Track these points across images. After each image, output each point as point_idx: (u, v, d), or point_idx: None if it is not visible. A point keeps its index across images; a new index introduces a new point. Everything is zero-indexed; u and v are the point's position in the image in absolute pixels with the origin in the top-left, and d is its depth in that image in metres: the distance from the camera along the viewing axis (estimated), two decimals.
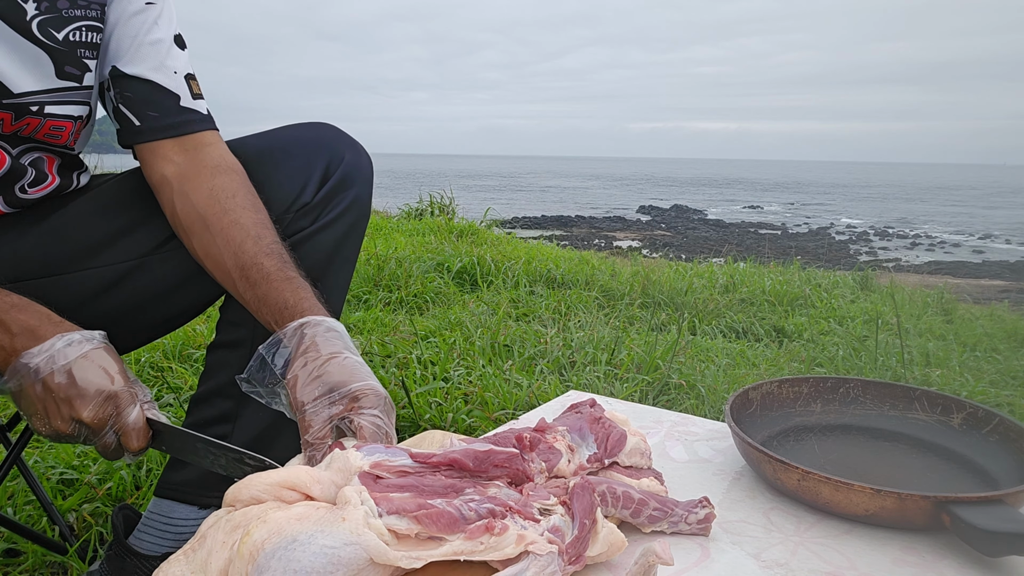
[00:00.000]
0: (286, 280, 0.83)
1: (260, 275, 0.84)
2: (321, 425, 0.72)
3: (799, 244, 15.01)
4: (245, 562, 0.57)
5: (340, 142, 1.00)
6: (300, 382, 0.74)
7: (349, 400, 0.73)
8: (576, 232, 17.04)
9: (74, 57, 0.88)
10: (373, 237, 4.43)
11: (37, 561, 1.15)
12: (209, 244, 0.87)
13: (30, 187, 0.92)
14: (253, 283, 0.84)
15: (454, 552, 0.61)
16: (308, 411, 0.73)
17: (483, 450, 0.70)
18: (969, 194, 46.04)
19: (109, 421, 0.74)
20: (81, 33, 0.88)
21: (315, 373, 0.74)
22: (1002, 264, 12.37)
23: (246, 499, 0.63)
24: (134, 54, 0.92)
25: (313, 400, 0.73)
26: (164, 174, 0.91)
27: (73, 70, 0.88)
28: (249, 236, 0.86)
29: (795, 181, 63.12)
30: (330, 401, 0.73)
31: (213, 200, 0.88)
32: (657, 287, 3.59)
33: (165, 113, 0.92)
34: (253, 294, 0.84)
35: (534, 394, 1.85)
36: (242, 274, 0.85)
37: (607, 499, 0.76)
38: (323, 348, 0.76)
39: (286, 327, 0.79)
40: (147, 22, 0.93)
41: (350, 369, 0.75)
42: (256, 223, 0.88)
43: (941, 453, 0.97)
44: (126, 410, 0.74)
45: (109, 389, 0.74)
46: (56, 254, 0.90)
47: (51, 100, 0.87)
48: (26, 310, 0.76)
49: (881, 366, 2.40)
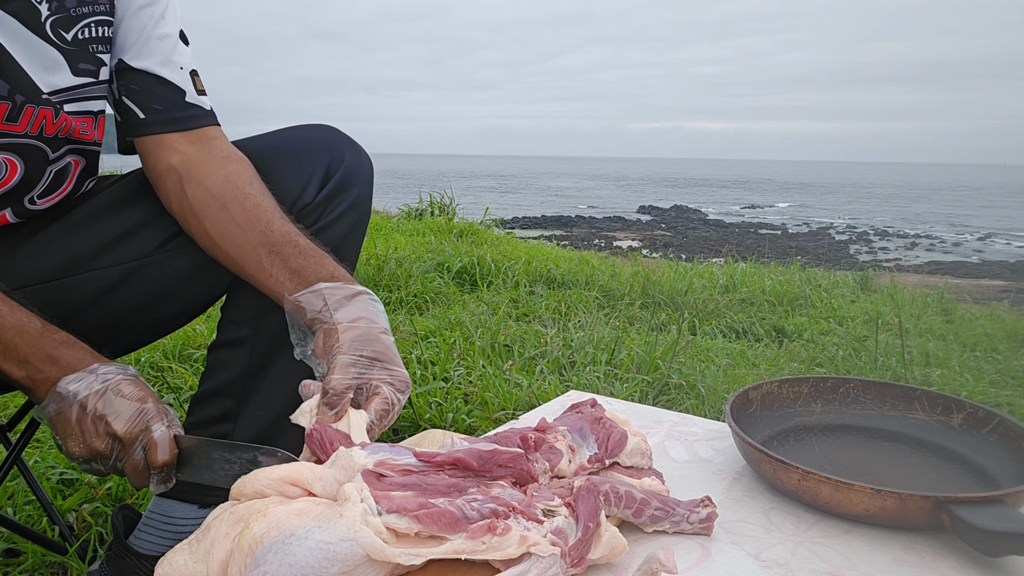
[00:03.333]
0: (323, 256, 0.86)
1: (295, 250, 0.86)
2: (352, 377, 0.76)
3: (799, 244, 15.02)
4: (244, 555, 0.58)
5: (340, 143, 1.00)
6: (351, 335, 0.78)
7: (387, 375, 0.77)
8: (576, 232, 17.04)
9: (87, 53, 0.89)
10: (373, 237, 4.43)
11: (37, 561, 1.15)
12: (227, 224, 0.88)
13: (39, 198, 0.92)
14: (286, 257, 0.86)
15: (455, 550, 0.61)
16: (345, 361, 0.76)
17: (487, 450, 0.70)
18: (969, 194, 46.04)
19: (139, 437, 0.76)
20: (91, 29, 0.89)
21: (370, 336, 0.79)
22: (1002, 264, 12.38)
23: (251, 493, 0.64)
24: (141, 48, 0.92)
25: (357, 356, 0.77)
26: (171, 163, 0.92)
27: (88, 66, 0.89)
28: (276, 216, 0.88)
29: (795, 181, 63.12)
30: (371, 364, 0.77)
31: (230, 185, 0.89)
32: (657, 287, 3.59)
33: (170, 107, 0.93)
34: (285, 268, 0.85)
35: (534, 394, 1.85)
36: (272, 250, 0.86)
37: (610, 499, 0.76)
38: (380, 321, 0.81)
39: (351, 282, 0.83)
40: (154, 16, 0.93)
41: (395, 352, 0.81)
42: (277, 207, 0.90)
43: (941, 453, 0.97)
44: (155, 425, 0.76)
45: (140, 407, 0.76)
46: (61, 258, 0.90)
47: (69, 98, 0.88)
48: (73, 347, 0.79)
49: (881, 366, 2.40)
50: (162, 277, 0.94)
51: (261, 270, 0.87)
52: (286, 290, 0.85)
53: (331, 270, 0.85)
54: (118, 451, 0.76)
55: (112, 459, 0.77)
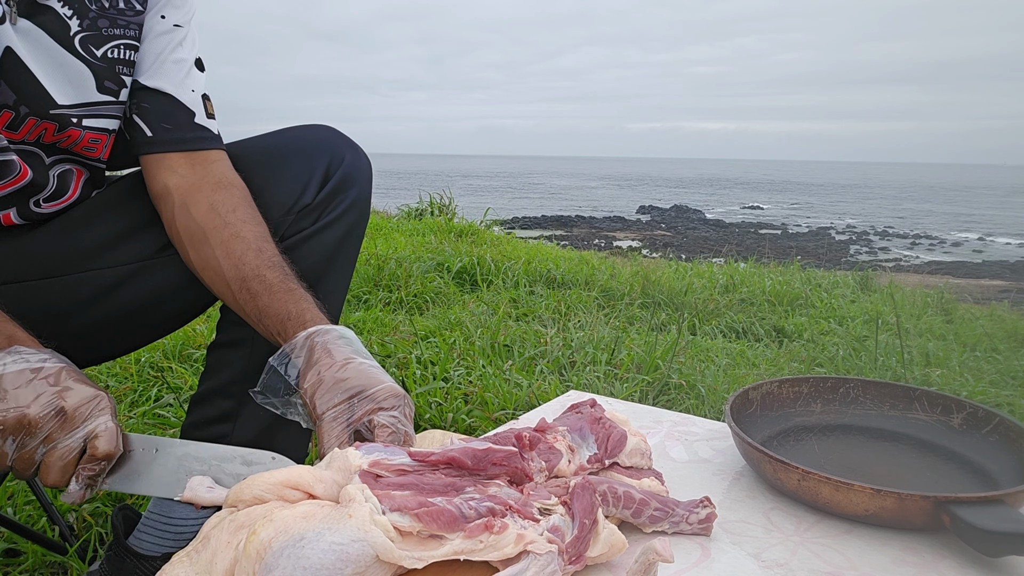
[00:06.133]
0: (288, 291, 0.83)
1: (262, 286, 0.83)
2: (340, 432, 0.72)
3: (799, 244, 15.02)
4: (252, 561, 0.56)
5: (340, 143, 1.00)
6: (317, 391, 0.74)
7: (369, 403, 0.73)
8: (576, 232, 17.04)
9: (113, 73, 0.90)
10: (373, 237, 4.43)
11: (37, 561, 1.15)
12: (209, 256, 0.87)
13: (46, 201, 0.92)
14: (254, 294, 0.83)
15: (454, 552, 0.61)
16: (327, 419, 0.72)
17: (482, 448, 0.70)
18: (969, 194, 46.05)
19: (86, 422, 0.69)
20: (119, 51, 0.91)
21: (331, 380, 0.74)
22: (1002, 264, 12.38)
23: (249, 499, 0.63)
24: (156, 70, 0.94)
25: (333, 407, 0.72)
26: (167, 184, 0.92)
27: (112, 85, 0.91)
28: (251, 249, 0.86)
29: (795, 181, 63.12)
30: (349, 407, 0.73)
31: (214, 213, 0.88)
32: (657, 287, 3.59)
33: (178, 127, 0.94)
34: (254, 305, 0.84)
35: (534, 394, 1.85)
36: (243, 285, 0.84)
37: (608, 499, 0.76)
38: (336, 355, 0.76)
39: (295, 337, 0.78)
40: (172, 42, 0.95)
41: (366, 374, 0.75)
42: (257, 236, 0.87)
43: (941, 453, 0.97)
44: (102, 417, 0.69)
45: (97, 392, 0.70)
46: (58, 256, 0.90)
47: (90, 114, 0.89)
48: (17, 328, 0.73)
49: (881, 366, 2.40)
50: (161, 280, 0.94)
51: (237, 306, 0.87)
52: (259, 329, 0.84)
53: (292, 309, 0.81)
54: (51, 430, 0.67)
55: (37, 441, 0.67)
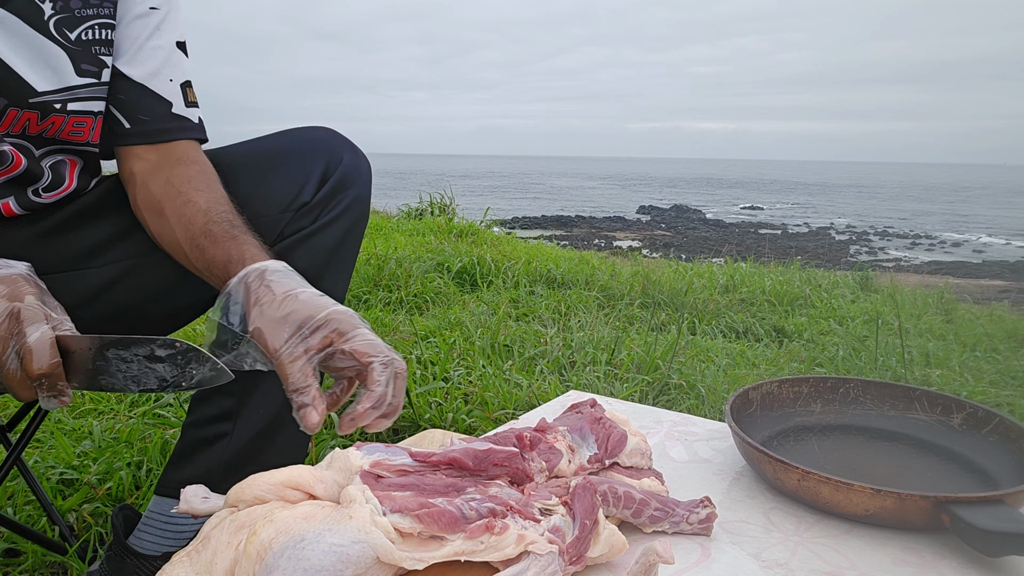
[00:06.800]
0: (231, 238, 0.81)
1: (208, 240, 0.82)
2: (302, 366, 0.69)
3: (799, 244, 15.02)
4: (252, 562, 0.56)
5: (338, 144, 1.00)
6: (265, 330, 0.70)
7: (323, 331, 0.70)
8: (576, 232, 17.04)
9: (90, 55, 0.89)
10: (373, 237, 4.43)
11: (37, 561, 1.15)
12: (164, 224, 0.88)
13: (45, 191, 0.92)
14: (202, 249, 0.82)
15: (455, 553, 0.61)
16: (283, 355, 0.69)
17: (483, 449, 0.70)
18: (969, 194, 46.05)
19: (11, 341, 0.66)
20: (95, 31, 0.89)
21: (276, 315, 0.71)
22: (1002, 264, 12.38)
23: (249, 499, 0.63)
24: (133, 56, 0.93)
25: (285, 342, 0.69)
26: (132, 170, 0.92)
27: (90, 67, 0.89)
28: (200, 211, 0.85)
29: (795, 181, 63.12)
30: (302, 337, 0.70)
31: (169, 186, 0.89)
32: (657, 287, 3.59)
33: (155, 119, 0.93)
34: (203, 259, 0.82)
35: (534, 394, 1.85)
36: (192, 243, 0.84)
37: (608, 499, 0.76)
38: (276, 289, 0.73)
39: (229, 282, 0.76)
40: (148, 27, 0.94)
41: (311, 302, 0.72)
42: (209, 200, 0.86)
43: (941, 453, 0.97)
44: (30, 328, 0.66)
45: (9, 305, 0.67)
46: (58, 252, 0.90)
47: (72, 98, 0.88)
48: None
49: (881, 366, 2.40)
50: (157, 277, 0.94)
51: (192, 267, 0.86)
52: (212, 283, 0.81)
53: (234, 253, 0.79)
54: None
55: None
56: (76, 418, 1.70)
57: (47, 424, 1.61)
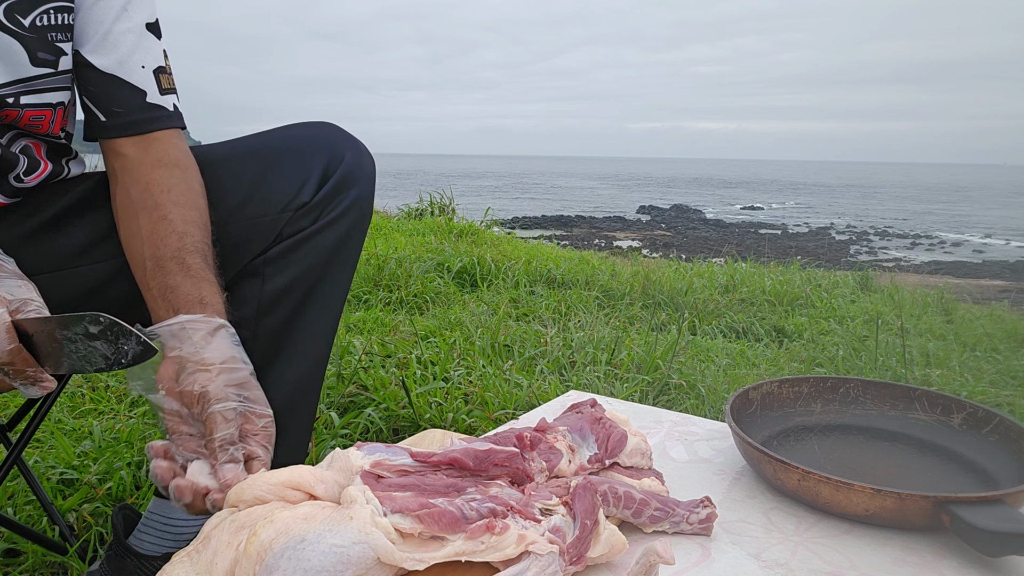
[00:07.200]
0: (202, 281, 0.82)
1: (178, 267, 0.81)
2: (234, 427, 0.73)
3: (799, 244, 15.02)
4: (252, 562, 0.56)
5: (340, 141, 0.98)
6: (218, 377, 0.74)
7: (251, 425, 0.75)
8: (576, 232, 17.05)
9: (45, 42, 0.84)
10: (373, 237, 4.43)
11: (37, 561, 1.15)
12: (134, 234, 0.86)
13: (25, 175, 0.90)
14: (167, 273, 0.82)
15: (456, 553, 0.61)
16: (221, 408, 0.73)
17: (483, 449, 0.70)
18: (969, 194, 46.04)
19: None
20: (50, 16, 0.84)
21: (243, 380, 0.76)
22: (1002, 264, 12.38)
23: (250, 499, 0.63)
24: (99, 43, 0.88)
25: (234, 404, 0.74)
26: (113, 166, 0.90)
27: (47, 56, 0.84)
28: (175, 232, 0.84)
29: (795, 181, 63.11)
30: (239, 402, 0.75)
31: (147, 193, 0.86)
32: (657, 287, 3.59)
33: (129, 110, 0.89)
34: (163, 282, 0.81)
35: (534, 394, 1.85)
36: (157, 264, 0.82)
37: (608, 499, 0.76)
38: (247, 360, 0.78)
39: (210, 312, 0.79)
40: (114, 8, 0.88)
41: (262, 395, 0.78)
42: (185, 220, 0.85)
43: (941, 453, 0.97)
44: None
45: None
46: (48, 251, 0.89)
47: (26, 90, 0.84)
48: None
49: (881, 366, 2.40)
50: None
51: (143, 283, 0.84)
52: (153, 304, 0.82)
53: (201, 295, 0.80)
54: None
55: None
56: (76, 418, 1.70)
57: (47, 424, 1.61)
